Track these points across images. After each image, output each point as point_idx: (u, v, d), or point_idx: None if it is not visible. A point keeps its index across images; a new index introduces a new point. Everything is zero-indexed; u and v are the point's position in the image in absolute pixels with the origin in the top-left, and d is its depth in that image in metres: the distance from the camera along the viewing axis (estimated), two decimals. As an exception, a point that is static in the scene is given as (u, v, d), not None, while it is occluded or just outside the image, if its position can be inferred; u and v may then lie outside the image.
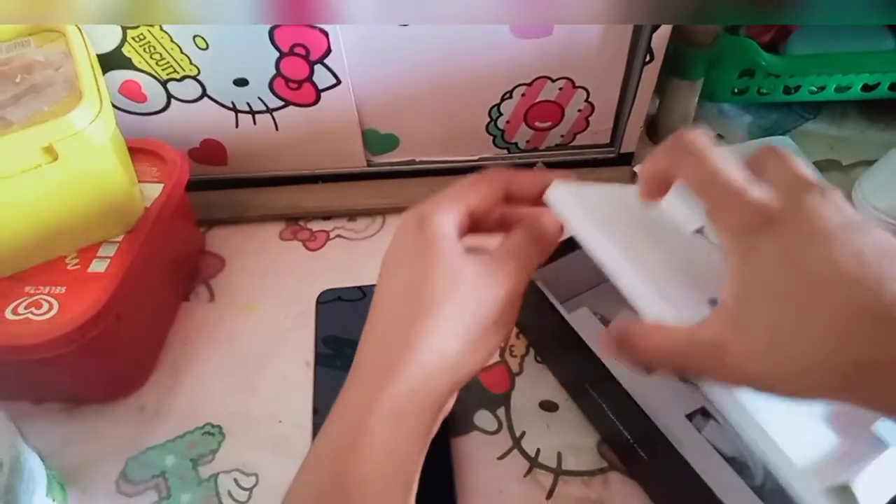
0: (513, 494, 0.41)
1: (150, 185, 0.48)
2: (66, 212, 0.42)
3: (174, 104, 0.52)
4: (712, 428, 0.39)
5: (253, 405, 0.46)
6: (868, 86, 0.60)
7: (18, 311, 0.41)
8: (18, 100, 0.41)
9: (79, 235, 0.44)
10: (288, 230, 0.58)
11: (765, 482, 0.37)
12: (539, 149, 0.59)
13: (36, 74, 0.42)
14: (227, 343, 0.50)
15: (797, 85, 0.60)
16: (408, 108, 0.54)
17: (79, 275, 0.43)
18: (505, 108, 0.55)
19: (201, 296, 0.53)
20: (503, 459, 0.43)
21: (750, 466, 0.38)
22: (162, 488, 0.42)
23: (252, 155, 0.57)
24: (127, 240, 0.45)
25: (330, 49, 0.49)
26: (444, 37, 0.49)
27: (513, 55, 0.51)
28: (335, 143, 0.56)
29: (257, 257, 0.55)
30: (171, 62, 0.49)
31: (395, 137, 0.57)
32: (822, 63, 0.59)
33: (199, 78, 0.51)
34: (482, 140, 0.57)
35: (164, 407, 0.46)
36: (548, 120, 0.57)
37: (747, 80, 0.60)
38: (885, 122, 0.65)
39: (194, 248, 0.55)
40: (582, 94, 0.54)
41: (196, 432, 0.45)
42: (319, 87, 0.52)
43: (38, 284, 0.42)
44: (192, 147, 0.56)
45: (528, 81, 0.53)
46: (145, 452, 0.44)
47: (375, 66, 0.51)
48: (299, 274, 0.54)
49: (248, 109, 0.53)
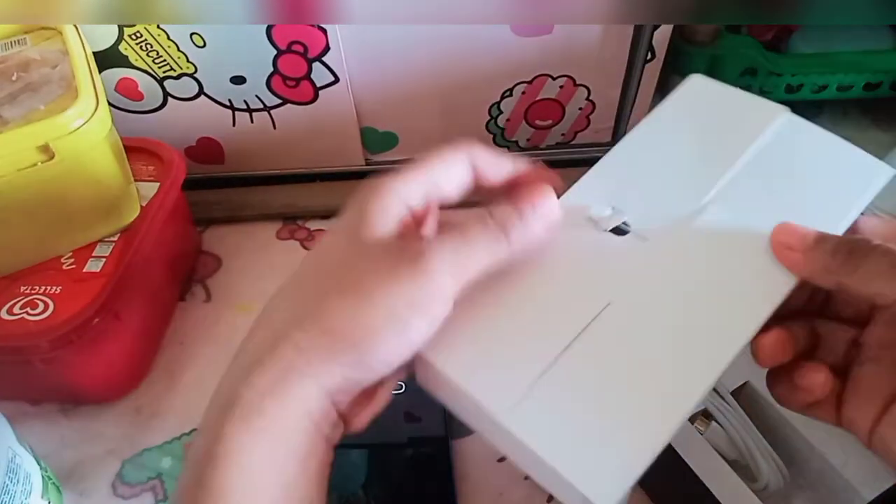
0: (513, 497, 0.41)
1: (147, 184, 0.48)
2: (62, 211, 0.42)
3: (171, 102, 0.52)
4: (714, 430, 0.39)
5: (250, 406, 0.45)
6: (870, 85, 0.60)
7: (14, 312, 0.40)
8: (14, 98, 0.40)
9: (74, 235, 0.44)
10: (285, 229, 0.57)
11: (767, 485, 0.37)
12: (539, 147, 0.59)
13: (32, 73, 0.42)
14: (223, 343, 0.49)
15: (799, 84, 0.60)
16: (407, 105, 0.54)
17: (74, 274, 0.42)
18: (505, 106, 0.55)
19: (198, 296, 0.52)
20: (503, 462, 0.43)
21: (752, 469, 0.38)
22: (158, 490, 0.42)
23: (249, 153, 0.56)
24: (123, 239, 0.44)
25: (328, 47, 0.49)
26: (443, 34, 0.49)
27: (513, 53, 0.50)
28: (333, 142, 0.56)
29: (254, 257, 0.55)
30: (167, 60, 0.49)
31: (393, 136, 0.56)
32: (823, 62, 0.59)
33: (196, 76, 0.50)
34: (482, 138, 0.57)
35: (161, 408, 0.46)
36: (548, 118, 0.56)
37: (749, 79, 0.60)
38: (886, 122, 0.64)
39: (191, 248, 0.55)
40: (583, 92, 0.54)
41: (193, 434, 0.44)
42: (317, 84, 0.51)
43: (33, 284, 0.42)
44: (188, 145, 0.55)
45: (528, 79, 0.53)
46: (142, 454, 0.44)
47: (374, 64, 0.51)
48: (297, 273, 0.53)
49: (245, 107, 0.53)
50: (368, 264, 0.25)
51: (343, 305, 0.24)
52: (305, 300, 0.25)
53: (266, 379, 0.24)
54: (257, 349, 0.25)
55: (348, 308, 0.24)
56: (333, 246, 0.27)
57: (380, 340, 0.24)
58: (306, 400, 0.24)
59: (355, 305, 0.24)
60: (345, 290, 0.25)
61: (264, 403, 0.24)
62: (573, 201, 0.30)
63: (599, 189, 0.30)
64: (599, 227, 0.29)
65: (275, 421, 0.24)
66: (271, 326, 0.26)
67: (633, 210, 0.29)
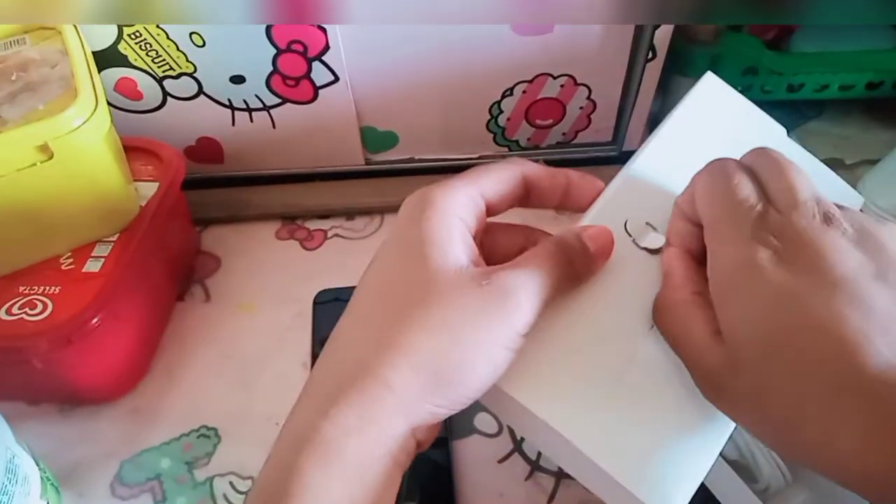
0: (514, 497, 0.41)
1: (146, 184, 0.48)
2: (61, 211, 0.42)
3: (170, 102, 0.52)
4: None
5: (249, 407, 0.45)
6: (872, 84, 0.60)
7: (12, 312, 0.40)
8: (13, 98, 0.40)
9: (73, 235, 0.43)
10: (285, 229, 0.57)
11: (767, 486, 0.37)
12: (540, 147, 0.58)
13: (31, 72, 0.42)
14: (222, 344, 0.49)
15: (801, 83, 0.60)
16: (407, 105, 0.54)
17: (73, 274, 0.42)
18: (505, 105, 0.54)
19: (197, 296, 0.52)
20: (504, 462, 0.42)
21: (752, 470, 0.37)
22: (157, 491, 0.42)
23: (249, 153, 0.56)
24: (122, 239, 0.44)
25: (328, 46, 0.49)
26: (444, 33, 0.49)
27: (514, 52, 0.50)
28: (333, 141, 0.56)
29: (254, 257, 0.55)
30: (167, 59, 0.49)
31: (393, 135, 0.56)
32: (825, 61, 0.59)
33: (195, 75, 0.50)
34: (482, 138, 0.57)
35: (160, 409, 0.46)
36: (549, 117, 0.56)
37: (750, 78, 0.60)
38: (888, 121, 0.64)
39: (190, 248, 0.55)
40: (584, 91, 0.54)
41: (191, 434, 0.44)
42: (317, 84, 0.51)
43: (32, 284, 0.42)
44: (188, 145, 0.55)
45: (529, 78, 0.52)
46: (140, 455, 0.43)
47: (374, 63, 0.50)
48: (296, 274, 0.53)
49: (244, 107, 0.53)
50: (452, 298, 0.24)
51: (433, 344, 0.24)
52: (382, 329, 0.25)
53: (350, 416, 0.24)
54: (337, 380, 0.24)
55: (440, 348, 0.24)
56: (399, 268, 0.26)
57: (475, 378, 0.24)
58: (392, 438, 0.24)
59: (449, 345, 0.24)
60: (432, 327, 0.24)
61: (347, 442, 0.23)
62: (610, 210, 0.30)
63: (632, 198, 0.30)
64: (638, 243, 0.30)
65: (355, 459, 0.24)
66: (350, 355, 0.25)
67: (664, 223, 0.30)
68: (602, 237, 0.28)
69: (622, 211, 0.30)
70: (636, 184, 0.31)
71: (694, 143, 0.32)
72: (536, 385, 0.26)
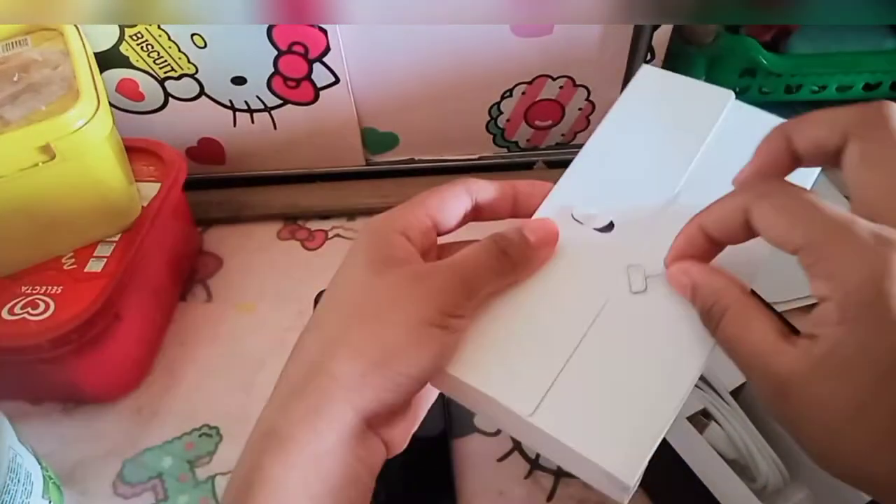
0: (513, 496, 0.41)
1: (148, 185, 0.48)
2: (63, 211, 0.42)
3: (172, 103, 0.52)
4: (713, 430, 0.39)
5: (251, 406, 0.45)
6: (869, 85, 0.60)
7: (15, 312, 0.40)
8: (16, 98, 0.41)
9: (75, 235, 0.44)
10: (286, 230, 0.57)
11: (766, 485, 0.37)
12: (539, 148, 0.59)
13: (33, 73, 0.42)
14: (224, 343, 0.49)
15: (798, 84, 0.60)
16: (407, 106, 0.54)
17: (75, 275, 0.42)
18: (505, 106, 0.55)
19: (198, 296, 0.53)
20: (503, 461, 0.43)
21: (751, 469, 0.38)
22: (159, 490, 0.42)
23: (250, 154, 0.56)
24: (124, 239, 0.44)
25: (329, 47, 0.49)
26: (444, 35, 0.49)
27: (513, 53, 0.50)
28: (334, 142, 0.56)
29: (255, 257, 0.55)
30: (168, 60, 0.49)
31: (394, 136, 0.57)
32: (823, 62, 0.59)
33: (196, 76, 0.50)
34: (482, 139, 0.57)
35: (162, 408, 0.46)
36: (548, 119, 0.56)
37: (748, 80, 0.60)
38: (886, 122, 0.64)
39: (192, 248, 0.55)
40: (583, 92, 0.54)
41: (193, 434, 0.44)
42: (318, 85, 0.51)
43: (34, 284, 0.42)
44: (189, 146, 0.55)
45: (528, 80, 0.53)
46: (142, 454, 0.44)
47: (374, 65, 0.51)
48: (297, 274, 0.54)
49: (246, 108, 0.53)
50: (385, 290, 0.27)
51: (365, 331, 0.26)
52: (331, 331, 0.27)
53: (301, 408, 0.25)
54: (293, 382, 0.26)
55: (372, 333, 0.26)
56: (348, 279, 0.29)
57: (407, 357, 0.26)
58: (341, 425, 0.25)
59: (380, 329, 0.26)
60: (366, 316, 0.26)
61: (297, 431, 0.25)
62: (556, 204, 0.31)
63: (578, 190, 0.31)
64: (586, 227, 0.30)
65: (308, 448, 0.25)
66: (304, 360, 0.27)
67: (614, 207, 0.30)
68: (543, 228, 0.29)
69: (569, 202, 0.31)
70: (581, 176, 0.32)
71: (640, 126, 0.33)
72: (476, 361, 0.27)
